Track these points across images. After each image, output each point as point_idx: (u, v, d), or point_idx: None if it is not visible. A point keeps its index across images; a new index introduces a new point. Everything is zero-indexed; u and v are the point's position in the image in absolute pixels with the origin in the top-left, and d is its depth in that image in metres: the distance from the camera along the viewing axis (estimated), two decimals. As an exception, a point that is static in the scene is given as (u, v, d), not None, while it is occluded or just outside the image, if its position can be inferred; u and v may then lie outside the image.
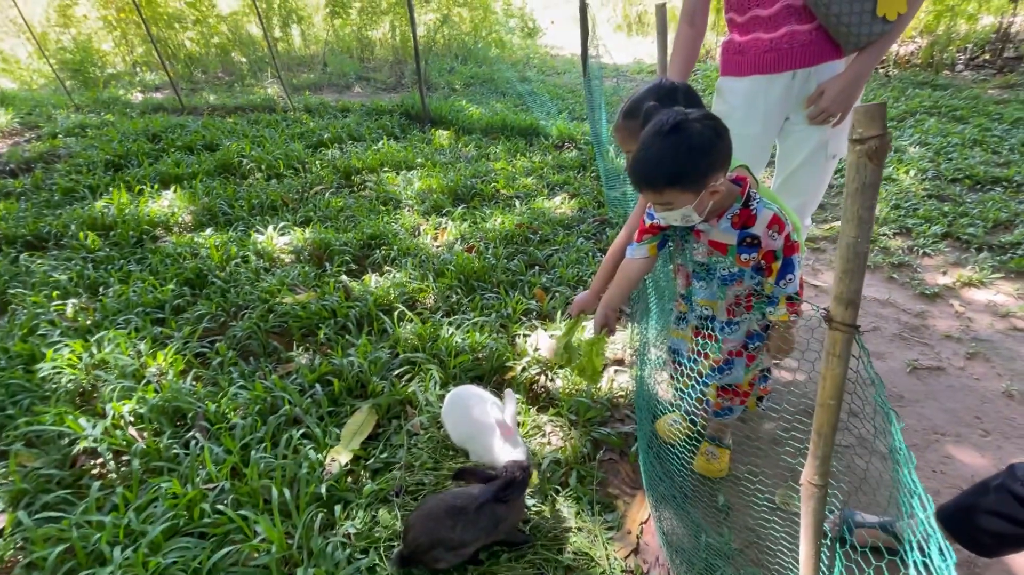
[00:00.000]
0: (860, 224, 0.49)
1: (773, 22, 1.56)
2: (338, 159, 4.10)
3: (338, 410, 1.86)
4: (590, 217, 3.19)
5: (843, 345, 0.54)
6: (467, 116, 5.01)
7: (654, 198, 1.15)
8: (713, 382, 1.43)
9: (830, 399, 0.57)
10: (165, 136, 4.64)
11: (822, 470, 0.61)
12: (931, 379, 1.97)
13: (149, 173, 3.85)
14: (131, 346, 2.11)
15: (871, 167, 0.47)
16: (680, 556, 1.35)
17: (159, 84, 7.31)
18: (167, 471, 1.61)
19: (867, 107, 0.46)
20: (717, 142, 1.08)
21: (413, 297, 2.46)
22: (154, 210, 3.28)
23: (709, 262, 1.26)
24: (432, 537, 1.27)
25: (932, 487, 1.58)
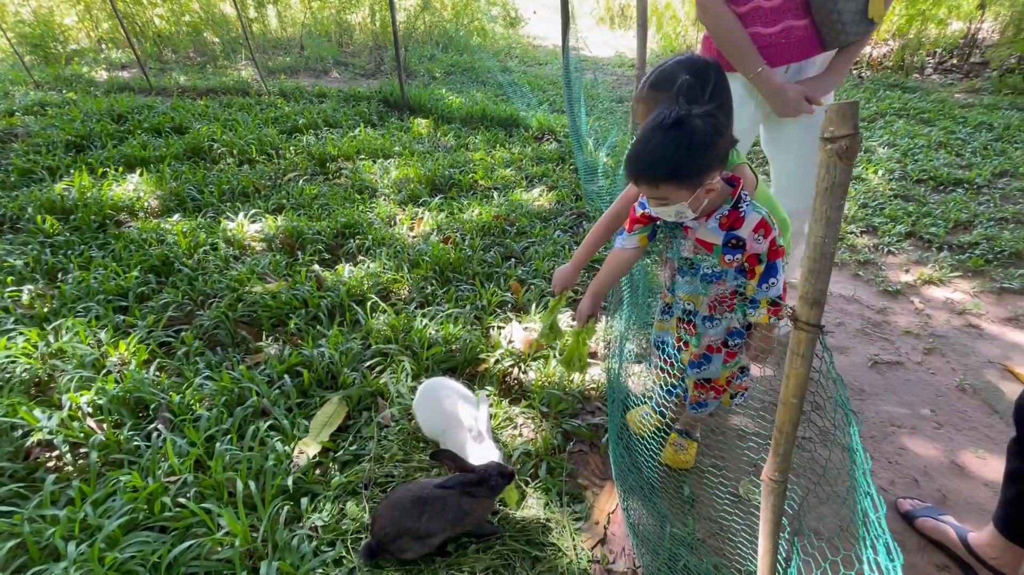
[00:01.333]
0: (828, 224, 0.50)
1: (773, 16, 1.58)
2: (313, 145, 4.01)
3: (307, 402, 1.83)
4: (567, 210, 3.19)
5: (807, 344, 0.55)
6: (447, 105, 4.95)
7: (650, 192, 1.15)
8: (691, 375, 1.45)
9: (792, 397, 0.58)
10: (131, 117, 4.47)
11: (782, 466, 0.62)
12: (890, 373, 2.04)
13: (113, 155, 3.70)
14: (91, 335, 2.03)
15: (841, 166, 0.48)
16: (645, 546, 1.38)
17: (126, 62, 7.01)
18: (127, 464, 1.57)
19: (840, 106, 0.46)
20: (718, 139, 1.08)
21: (387, 288, 2.43)
22: (118, 194, 3.16)
23: (694, 259, 1.27)
24: (398, 526, 1.27)
25: (888, 477, 1.64)
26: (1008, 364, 2.06)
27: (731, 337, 1.37)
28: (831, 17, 1.54)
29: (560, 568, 1.34)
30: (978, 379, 1.99)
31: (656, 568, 1.33)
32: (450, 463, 1.30)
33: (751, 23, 1.61)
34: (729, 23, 1.59)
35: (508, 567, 1.34)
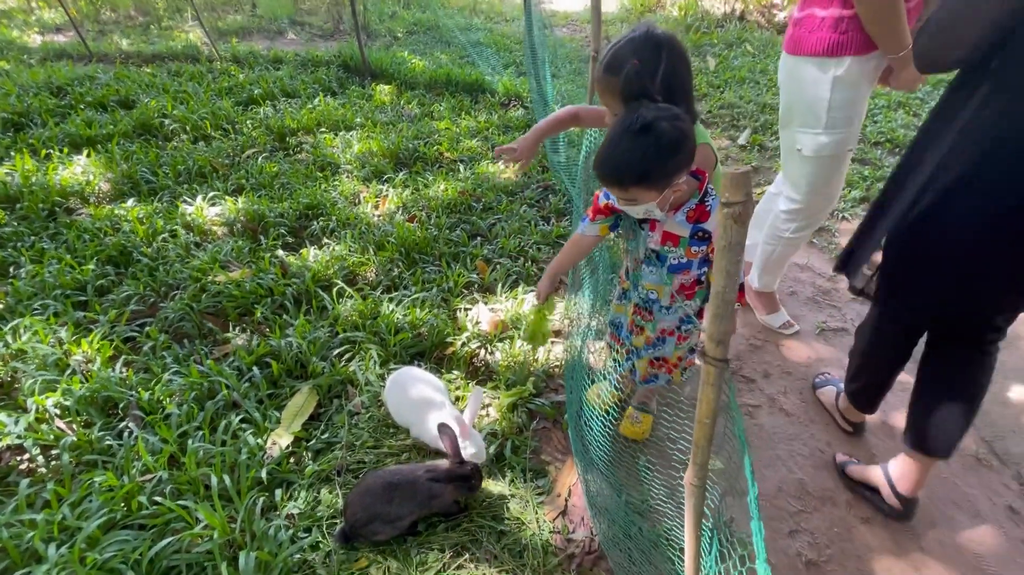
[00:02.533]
0: (728, 277, 0.55)
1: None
2: (271, 118, 3.86)
3: (278, 392, 1.87)
4: (535, 183, 3.19)
5: (716, 376, 0.61)
6: (410, 69, 4.77)
7: (619, 193, 1.19)
8: (645, 356, 1.54)
9: (705, 419, 0.65)
10: (72, 90, 4.20)
11: (700, 474, 0.70)
12: (836, 339, 2.17)
13: (56, 134, 3.51)
14: (51, 333, 2.01)
15: (736, 228, 0.52)
16: (602, 515, 1.49)
17: (60, 24, 6.50)
18: (101, 464, 1.60)
19: (734, 175, 0.50)
20: (683, 142, 1.12)
21: (353, 271, 2.43)
22: (66, 178, 3.03)
23: (661, 250, 1.33)
24: (369, 511, 1.35)
25: (826, 438, 1.78)
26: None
27: (684, 323, 1.45)
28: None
29: (524, 540, 1.45)
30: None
31: (612, 535, 1.45)
32: (448, 440, 1.38)
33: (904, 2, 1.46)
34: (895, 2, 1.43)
35: (475, 542, 1.45)
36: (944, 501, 1.60)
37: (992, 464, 1.70)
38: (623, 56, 1.25)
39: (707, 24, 6.29)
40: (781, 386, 1.97)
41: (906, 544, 1.49)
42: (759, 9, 6.56)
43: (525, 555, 1.42)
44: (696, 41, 5.79)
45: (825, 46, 1.58)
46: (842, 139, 1.71)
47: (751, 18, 6.48)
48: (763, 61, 5.03)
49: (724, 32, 6.00)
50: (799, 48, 1.66)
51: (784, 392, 1.94)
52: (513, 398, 1.82)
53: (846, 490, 1.63)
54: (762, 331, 2.21)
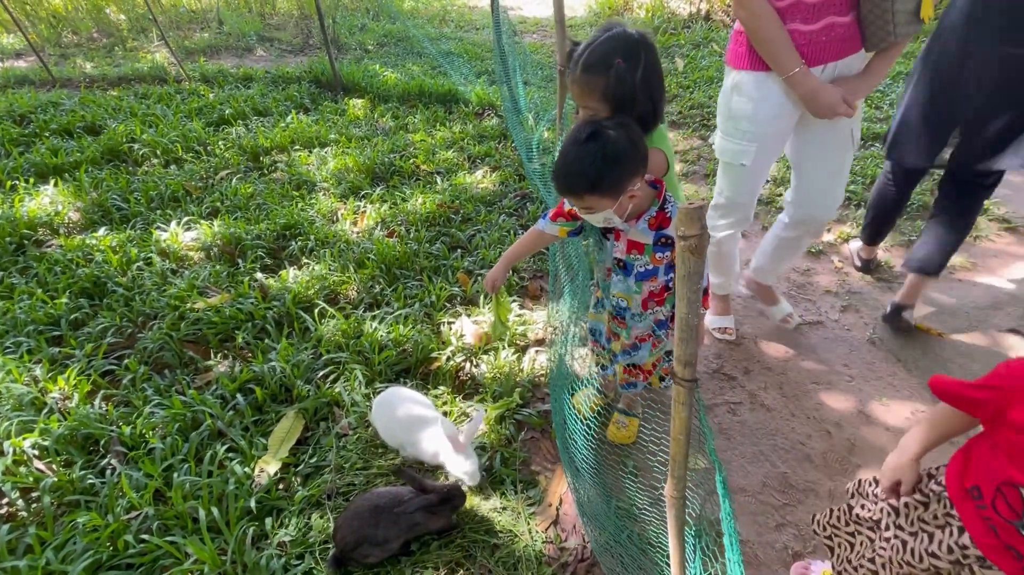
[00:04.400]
0: (689, 303, 0.58)
1: (815, 11, 1.46)
2: (244, 138, 3.82)
3: (263, 418, 1.85)
4: (512, 192, 3.21)
5: (686, 395, 0.64)
6: (382, 82, 4.77)
7: (576, 203, 1.22)
8: (620, 362, 1.57)
9: (679, 435, 0.67)
10: (36, 117, 4.11)
11: (679, 486, 0.73)
12: (811, 332, 2.23)
13: (21, 164, 3.42)
14: (25, 372, 1.97)
15: (693, 259, 0.55)
16: (593, 521, 1.51)
17: (20, 49, 6.35)
18: (84, 504, 1.57)
19: (687, 210, 0.53)
20: (632, 149, 1.15)
21: (334, 290, 2.43)
22: (33, 209, 2.96)
23: (627, 259, 1.36)
24: (358, 535, 1.35)
25: (806, 431, 1.83)
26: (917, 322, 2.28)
27: (658, 328, 1.48)
28: (883, 16, 1.44)
29: (517, 552, 1.47)
30: (886, 332, 2.20)
31: (604, 541, 1.47)
32: (410, 482, 1.37)
33: (791, 19, 1.47)
34: (767, 19, 1.46)
35: (469, 558, 1.46)
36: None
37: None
38: (605, 55, 1.25)
39: (674, 25, 6.40)
40: (761, 382, 2.02)
41: (887, 530, 1.54)
42: (724, 9, 6.70)
43: (519, 567, 1.43)
44: (664, 43, 5.89)
45: (728, 56, 1.69)
46: (737, 150, 1.71)
47: (716, 18, 6.62)
48: (730, 60, 5.13)
49: (691, 33, 6.12)
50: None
51: (764, 387, 1.99)
52: (500, 410, 1.83)
53: (828, 480, 1.67)
54: (739, 328, 2.26)
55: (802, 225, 1.89)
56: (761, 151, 1.70)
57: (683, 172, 3.51)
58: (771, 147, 1.72)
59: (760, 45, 1.52)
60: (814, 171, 1.76)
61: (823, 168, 1.74)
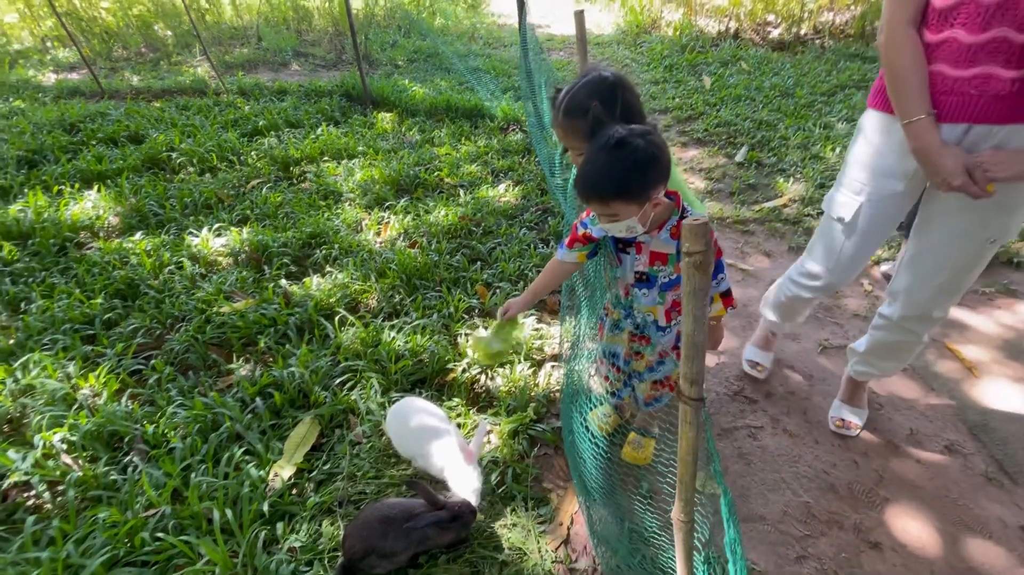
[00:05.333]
0: (695, 321, 0.57)
1: (970, 55, 1.18)
2: (275, 148, 3.95)
3: (280, 422, 1.88)
4: (533, 206, 3.23)
5: (693, 414, 0.62)
6: (410, 97, 4.88)
7: (601, 209, 1.22)
8: (647, 379, 1.54)
9: (687, 456, 0.66)
10: (84, 127, 4.33)
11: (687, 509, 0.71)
12: (838, 357, 2.16)
13: (68, 170, 3.60)
14: (59, 368, 2.04)
15: (698, 276, 0.54)
16: (605, 543, 1.48)
17: (74, 63, 6.72)
18: (106, 499, 1.61)
19: (692, 226, 0.52)
20: (659, 156, 1.16)
21: (355, 299, 2.46)
22: (76, 213, 3.10)
23: (650, 271, 1.35)
24: (365, 545, 1.35)
25: (831, 460, 1.76)
26: (947, 342, 2.19)
27: (680, 339, 1.45)
28: None
29: (526, 571, 1.44)
30: (917, 358, 2.11)
31: (615, 564, 1.44)
32: (423, 495, 1.37)
33: (938, 58, 1.22)
34: (905, 51, 1.23)
35: (477, 574, 1.44)
36: (955, 523, 1.57)
37: (1003, 483, 1.67)
38: (582, 99, 1.33)
39: (702, 43, 6.39)
40: (784, 406, 1.95)
41: (917, 569, 1.46)
42: (753, 27, 6.67)
43: (527, 586, 1.41)
44: (691, 60, 5.88)
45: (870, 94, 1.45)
46: (839, 200, 1.52)
47: (745, 36, 6.59)
48: (758, 78, 5.09)
49: (719, 51, 6.10)
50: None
51: (787, 412, 1.93)
52: (514, 424, 1.82)
53: (853, 513, 1.60)
54: (764, 350, 2.20)
55: (906, 322, 1.57)
56: (867, 212, 1.46)
57: (708, 190, 3.47)
58: (882, 212, 1.45)
59: (889, 80, 1.29)
60: (928, 252, 1.44)
61: (937, 251, 1.42)
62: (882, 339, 1.68)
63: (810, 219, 3.04)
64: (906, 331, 1.59)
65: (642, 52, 6.57)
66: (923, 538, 1.53)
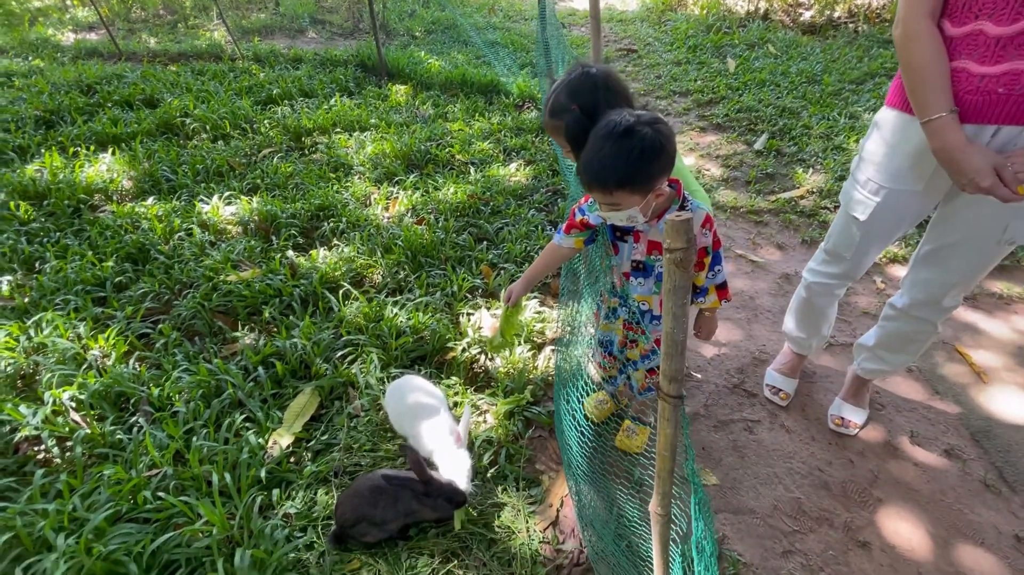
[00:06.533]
0: (675, 319, 0.55)
1: (998, 49, 1.09)
2: (288, 118, 3.93)
3: (281, 392, 1.91)
4: (544, 187, 3.19)
5: (671, 411, 0.62)
6: (426, 70, 4.80)
7: (603, 198, 1.19)
8: (642, 367, 1.54)
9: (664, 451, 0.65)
10: (101, 88, 4.34)
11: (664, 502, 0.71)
12: (843, 355, 2.13)
13: (84, 132, 3.63)
14: (71, 328, 2.09)
15: (679, 273, 0.52)
16: (592, 528, 1.50)
17: (93, 23, 6.71)
18: (111, 457, 1.67)
19: (673, 223, 0.50)
20: (666, 145, 1.13)
21: (360, 274, 2.47)
22: (91, 175, 3.14)
23: (647, 260, 1.33)
24: (357, 513, 1.38)
25: (826, 458, 1.75)
26: (957, 345, 2.14)
27: None
28: None
29: (513, 549, 1.47)
30: (925, 361, 2.08)
31: (601, 548, 1.46)
32: (413, 464, 1.39)
33: (962, 54, 1.14)
34: (924, 45, 1.15)
35: (466, 549, 1.47)
36: (948, 528, 1.56)
37: (1000, 491, 1.65)
38: (562, 102, 1.32)
39: (729, 24, 6.18)
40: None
41: (904, 571, 1.46)
42: (784, 8, 6.41)
43: (514, 564, 1.43)
44: (716, 41, 5.69)
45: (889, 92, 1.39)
46: (855, 198, 1.46)
47: (775, 17, 6.34)
48: (785, 63, 4.92)
49: (746, 32, 5.89)
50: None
51: (786, 408, 1.91)
52: (510, 406, 1.83)
53: (845, 511, 1.60)
54: (766, 345, 2.18)
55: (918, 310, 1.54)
56: (882, 211, 1.42)
57: (724, 178, 3.39)
58: (898, 212, 1.42)
59: (906, 76, 1.20)
60: (946, 251, 1.41)
61: (956, 250, 1.38)
62: (894, 330, 1.65)
63: (827, 212, 2.96)
64: (918, 320, 1.56)
65: (666, 31, 6.37)
66: (913, 540, 1.52)
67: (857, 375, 1.84)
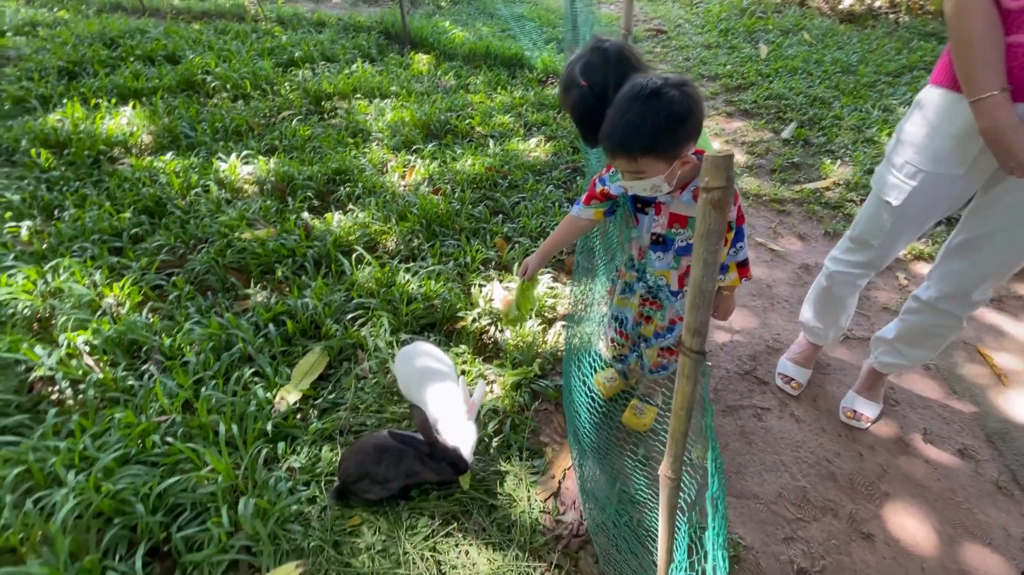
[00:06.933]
0: (705, 266, 0.52)
1: None
2: (309, 81, 3.89)
3: (291, 350, 1.92)
4: (563, 163, 3.13)
5: (691, 367, 0.59)
6: (449, 40, 4.71)
7: (627, 165, 1.14)
8: (655, 345, 1.51)
9: (680, 410, 0.63)
10: (124, 42, 4.33)
11: (675, 466, 0.69)
12: (859, 349, 2.08)
13: (105, 85, 3.63)
14: (87, 275, 2.11)
15: (715, 215, 0.49)
16: (594, 501, 1.49)
17: (118, -23, 6.66)
18: (122, 402, 1.69)
19: (714, 158, 0.47)
20: (694, 110, 1.07)
21: (374, 239, 2.46)
22: (111, 128, 3.14)
23: (667, 234, 1.29)
24: (360, 469, 1.39)
25: (835, 449, 1.72)
26: (979, 346, 2.09)
27: None
28: None
29: (513, 517, 1.47)
30: (945, 360, 2.03)
31: (601, 521, 1.45)
32: (420, 425, 1.39)
33: (1019, 27, 1.07)
34: (977, 18, 1.08)
35: (466, 513, 1.47)
36: (956, 526, 1.53)
37: (1013, 493, 1.62)
38: (573, 77, 1.30)
39: (763, 8, 5.97)
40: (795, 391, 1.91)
41: (908, 565, 1.44)
42: (823, -5, 6.18)
43: (513, 531, 1.44)
44: (749, 26, 5.52)
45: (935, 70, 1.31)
46: (889, 182, 1.40)
47: (813, 4, 6.12)
48: (820, 51, 4.75)
49: (781, 18, 5.69)
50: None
51: (797, 398, 1.88)
52: (518, 377, 1.82)
53: (850, 503, 1.58)
54: (780, 334, 2.14)
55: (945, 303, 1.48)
56: (918, 196, 1.35)
57: (748, 164, 3.31)
58: (934, 197, 1.36)
59: (956, 51, 1.13)
60: (975, 239, 1.36)
61: (997, 246, 1.32)
62: (916, 323, 1.60)
63: (852, 205, 2.88)
64: (943, 314, 1.51)
65: (697, 13, 6.18)
66: (919, 536, 1.50)
67: (873, 369, 1.80)
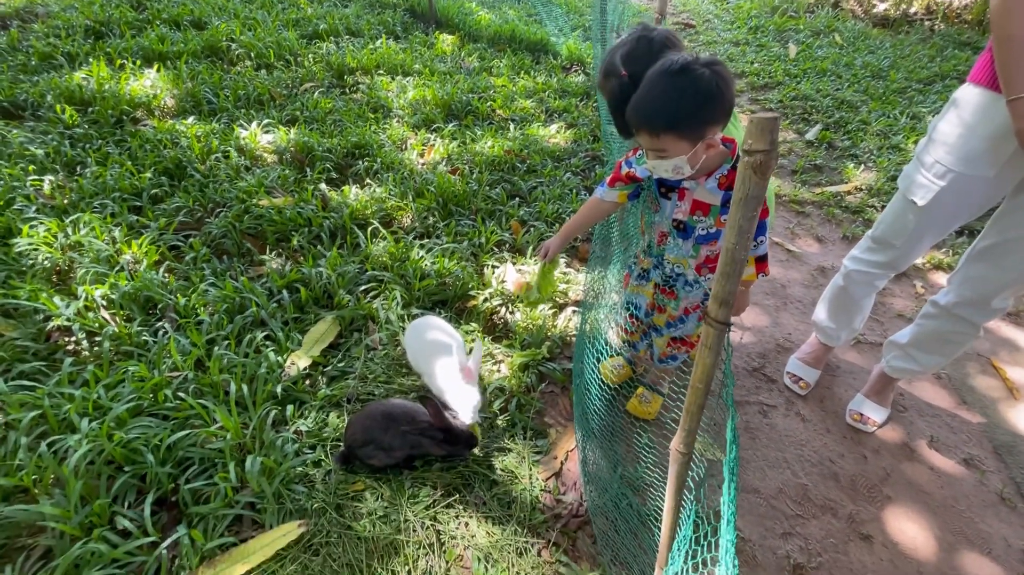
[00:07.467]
0: (740, 233, 0.52)
1: None
2: (332, 55, 3.87)
3: (303, 317, 1.94)
4: (583, 151, 3.11)
5: (715, 339, 0.59)
6: (475, 21, 4.67)
7: (650, 142, 1.13)
8: (666, 334, 1.51)
9: (699, 383, 0.63)
10: (150, 5, 4.32)
11: (688, 441, 0.68)
12: (870, 354, 2.07)
13: (131, 46, 3.63)
14: (106, 231, 2.14)
15: (755, 180, 0.49)
16: (595, 483, 1.50)
17: (147, -60, 6.64)
18: (136, 356, 1.72)
19: (760, 120, 0.47)
20: (724, 91, 1.06)
21: (390, 215, 2.46)
22: (135, 89, 3.15)
23: (688, 221, 1.28)
24: (366, 435, 1.41)
25: (839, 450, 1.72)
26: (993, 359, 2.06)
27: (707, 298, 1.40)
28: None
29: (514, 493, 1.48)
30: (957, 370, 2.01)
31: (601, 503, 1.46)
32: (432, 411, 1.39)
33: None
34: (1021, 19, 1.06)
35: (467, 487, 1.49)
36: (956, 534, 1.53)
37: (1016, 505, 1.61)
38: (614, 65, 1.25)
39: (796, 8, 5.86)
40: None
41: (905, 568, 1.44)
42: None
43: (513, 507, 1.45)
44: (780, 25, 5.42)
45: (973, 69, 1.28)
46: (916, 181, 1.37)
47: (846, 6, 6.00)
48: (850, 55, 4.66)
49: (813, 18, 5.58)
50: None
51: (804, 397, 1.87)
52: (526, 359, 1.83)
53: (851, 503, 1.57)
54: (792, 334, 2.12)
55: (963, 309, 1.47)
56: (945, 197, 1.33)
57: (769, 164, 3.27)
58: (962, 199, 1.33)
59: (999, 49, 1.11)
60: (1012, 253, 1.32)
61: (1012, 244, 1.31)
62: (932, 329, 1.58)
63: (873, 210, 2.84)
64: (961, 320, 1.50)
65: (728, 8, 6.08)
66: (918, 540, 1.50)
67: (884, 373, 1.79)
